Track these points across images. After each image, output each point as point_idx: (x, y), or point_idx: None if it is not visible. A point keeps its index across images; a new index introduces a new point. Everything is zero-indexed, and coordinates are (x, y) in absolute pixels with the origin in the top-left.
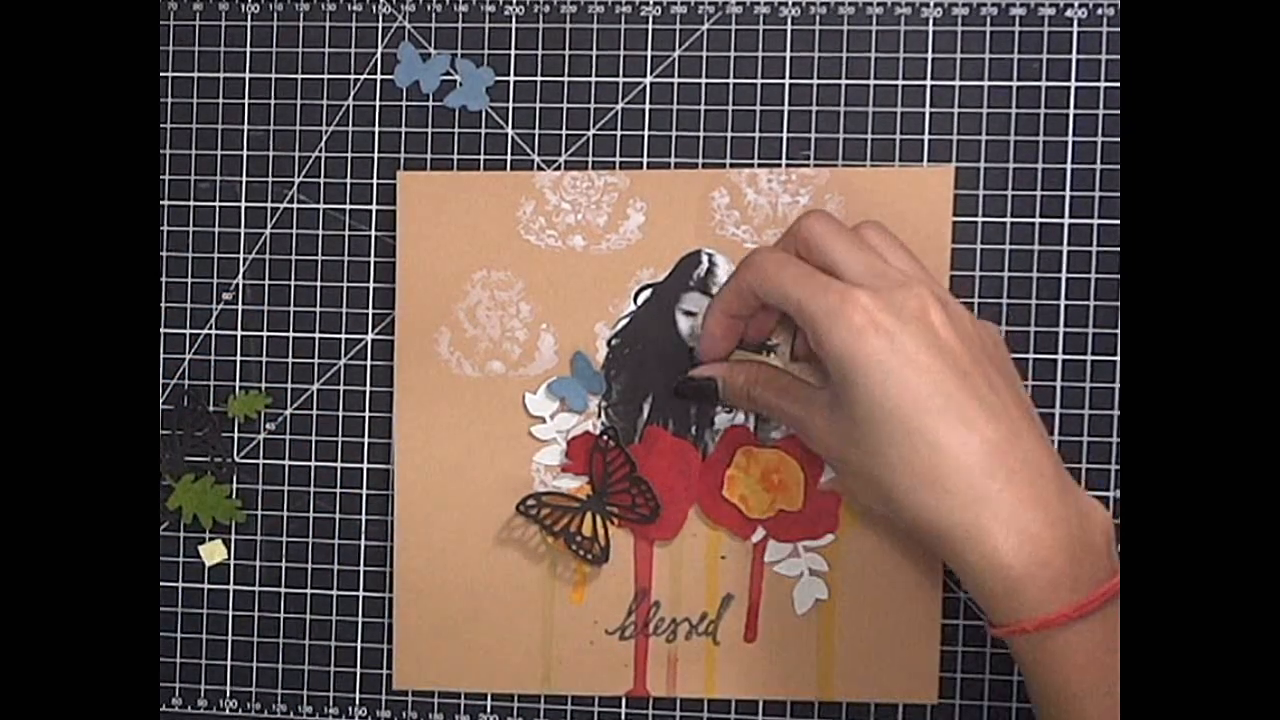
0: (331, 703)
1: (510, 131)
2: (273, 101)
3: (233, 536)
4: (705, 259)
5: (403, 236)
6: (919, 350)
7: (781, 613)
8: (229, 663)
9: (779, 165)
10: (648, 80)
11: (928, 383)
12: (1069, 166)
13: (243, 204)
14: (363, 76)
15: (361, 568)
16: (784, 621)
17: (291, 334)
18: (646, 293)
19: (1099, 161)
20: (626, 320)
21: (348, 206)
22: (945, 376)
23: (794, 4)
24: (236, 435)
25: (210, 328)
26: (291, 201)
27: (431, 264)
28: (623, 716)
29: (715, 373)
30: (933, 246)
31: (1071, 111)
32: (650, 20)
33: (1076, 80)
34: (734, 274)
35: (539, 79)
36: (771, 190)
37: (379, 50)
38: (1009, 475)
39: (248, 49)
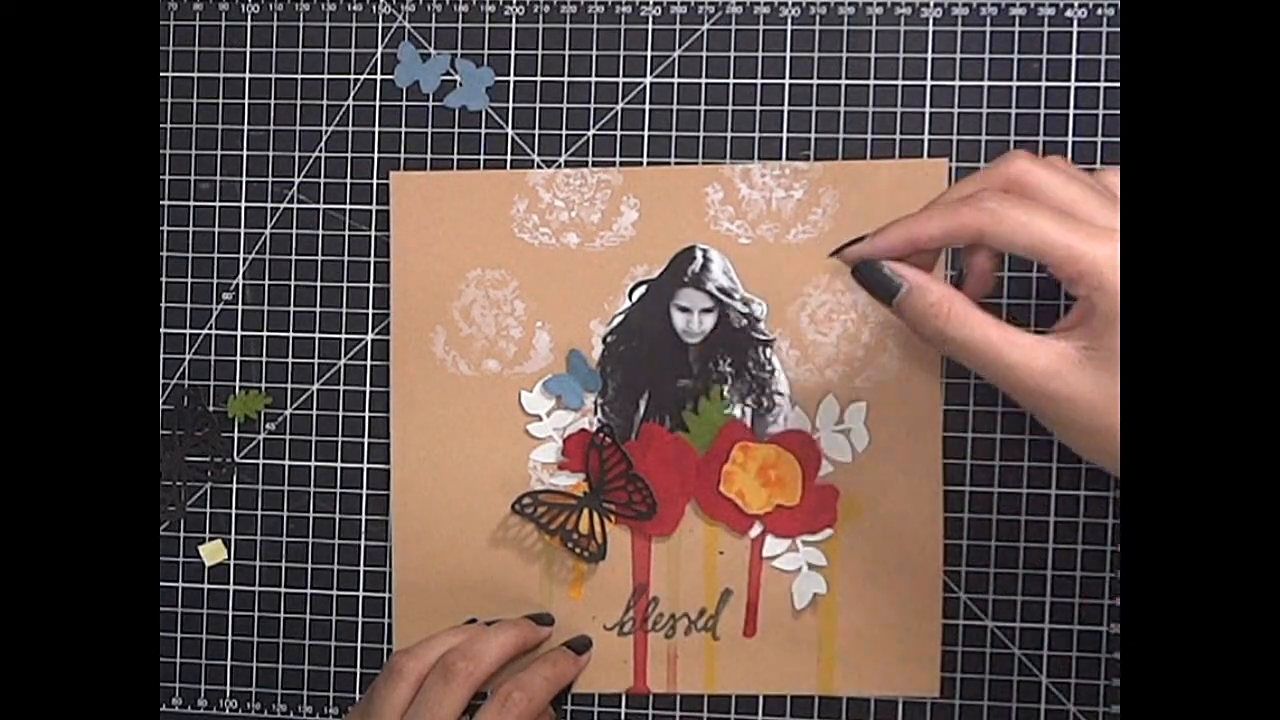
0: (331, 703)
1: (510, 131)
2: (273, 101)
3: (233, 536)
4: (700, 254)
5: (396, 236)
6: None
7: (781, 608)
8: (229, 663)
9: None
10: (648, 80)
11: None
12: None
13: (243, 204)
14: (363, 76)
15: (361, 568)
16: (783, 616)
17: (291, 334)
18: (641, 289)
19: (1099, 161)
20: (621, 317)
21: (348, 206)
22: None
23: (794, 4)
24: (236, 435)
25: (210, 328)
26: (291, 201)
27: (425, 263)
28: (623, 715)
29: (911, 277)
30: None
31: (1071, 111)
32: (650, 20)
33: (1076, 80)
34: (951, 209)
35: (539, 79)
36: (765, 184)
37: (379, 50)
38: None
39: (248, 49)
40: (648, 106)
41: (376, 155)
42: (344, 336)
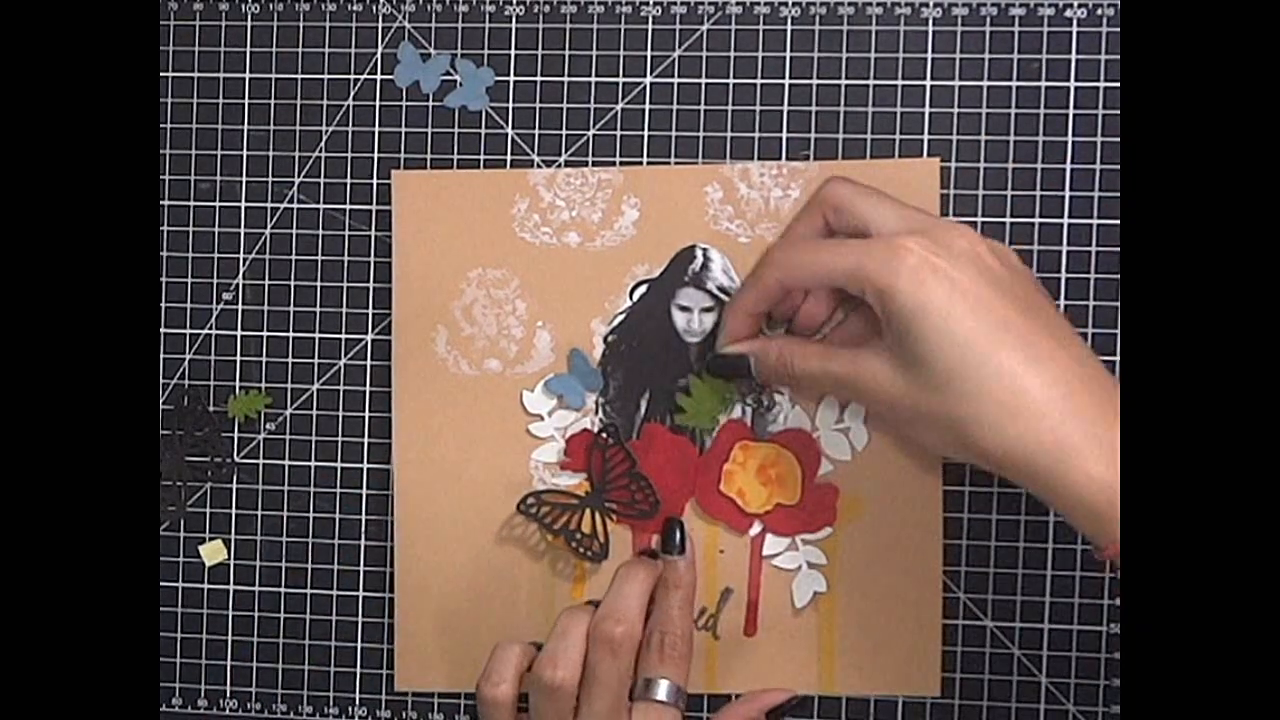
0: (331, 703)
1: (510, 131)
2: (273, 101)
3: (233, 536)
4: (700, 254)
5: (398, 235)
6: (979, 286)
7: (781, 606)
8: (229, 663)
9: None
10: (648, 80)
11: (995, 317)
12: (1069, 166)
13: (243, 204)
14: (363, 76)
15: (361, 568)
16: (783, 615)
17: (291, 334)
18: (642, 288)
19: (1099, 161)
20: (622, 316)
21: (348, 206)
22: (1009, 308)
23: (794, 4)
24: (236, 435)
25: (210, 328)
26: (291, 201)
27: (427, 263)
28: None
29: (747, 349)
30: None
31: (1071, 111)
32: (650, 20)
33: (1076, 80)
34: (755, 274)
35: (539, 79)
36: (764, 184)
37: (379, 50)
38: (1087, 395)
39: (248, 49)
40: (648, 106)
41: (376, 155)
42: (344, 336)
